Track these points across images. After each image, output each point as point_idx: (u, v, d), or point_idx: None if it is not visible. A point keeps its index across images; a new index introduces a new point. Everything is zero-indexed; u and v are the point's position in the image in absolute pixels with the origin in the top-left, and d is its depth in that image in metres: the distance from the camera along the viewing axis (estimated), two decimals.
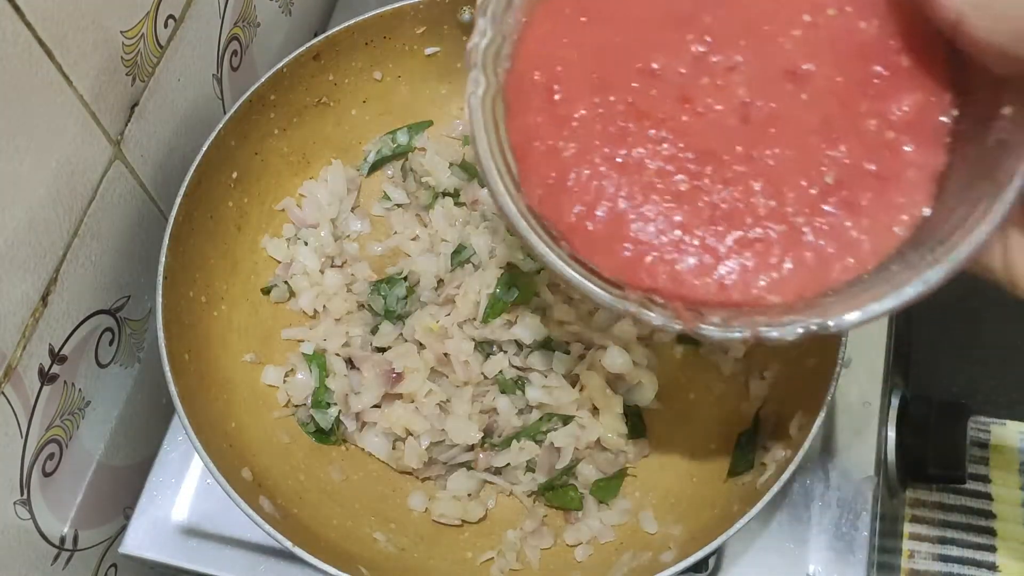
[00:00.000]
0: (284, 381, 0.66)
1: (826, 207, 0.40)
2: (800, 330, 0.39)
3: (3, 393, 0.54)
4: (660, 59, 0.43)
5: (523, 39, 0.45)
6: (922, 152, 0.40)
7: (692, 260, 0.41)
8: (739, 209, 0.41)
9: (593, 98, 0.43)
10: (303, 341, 0.68)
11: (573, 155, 0.42)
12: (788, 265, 0.40)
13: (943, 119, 0.40)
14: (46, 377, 0.58)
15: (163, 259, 0.59)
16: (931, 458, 0.68)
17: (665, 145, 0.42)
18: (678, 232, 0.41)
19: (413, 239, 0.71)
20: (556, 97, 0.43)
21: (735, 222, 0.41)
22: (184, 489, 0.66)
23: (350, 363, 0.67)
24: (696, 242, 0.41)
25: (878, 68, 0.41)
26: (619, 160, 0.42)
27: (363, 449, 0.65)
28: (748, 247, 0.41)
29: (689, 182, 0.41)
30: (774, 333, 0.39)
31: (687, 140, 0.42)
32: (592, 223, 0.42)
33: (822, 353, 0.58)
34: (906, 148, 0.40)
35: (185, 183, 0.61)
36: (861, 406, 0.66)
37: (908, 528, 0.89)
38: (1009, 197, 0.36)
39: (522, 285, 0.64)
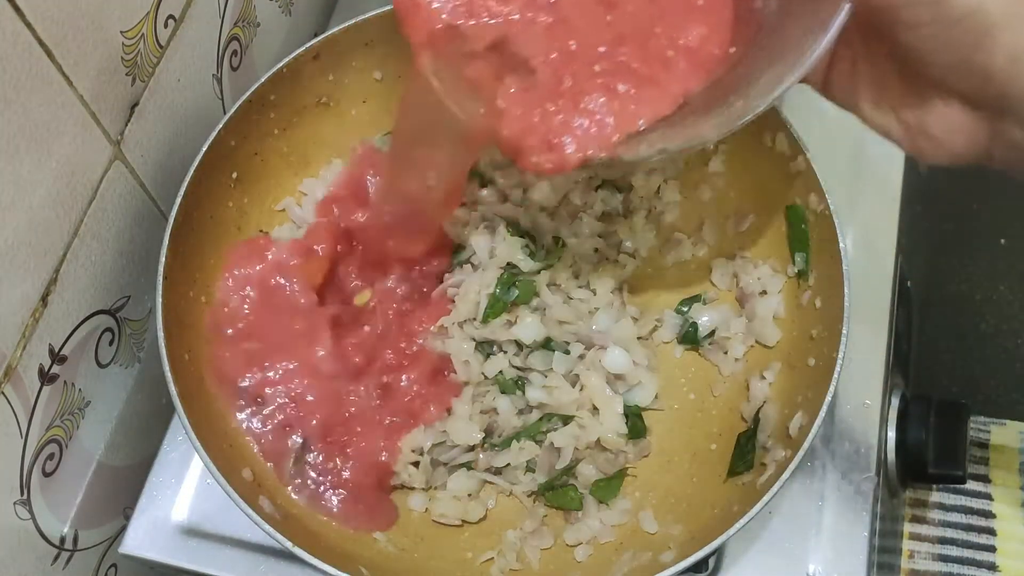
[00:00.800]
0: None
1: (595, 85, 0.51)
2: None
3: (3, 393, 0.54)
4: None
5: None
6: (690, 71, 0.51)
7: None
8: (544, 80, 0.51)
9: None
10: None
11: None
12: (580, 123, 0.50)
13: (716, 51, 0.51)
14: (46, 377, 0.58)
15: (163, 259, 0.59)
16: (931, 458, 0.68)
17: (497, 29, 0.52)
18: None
19: None
20: None
21: (541, 89, 0.51)
22: (184, 489, 0.66)
23: None
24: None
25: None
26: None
27: None
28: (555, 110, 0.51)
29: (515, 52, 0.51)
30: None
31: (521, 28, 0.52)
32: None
33: (822, 353, 0.58)
34: (681, 65, 0.51)
35: (185, 183, 0.61)
36: (861, 406, 0.66)
37: (908, 528, 0.89)
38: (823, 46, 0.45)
39: (522, 285, 0.64)
